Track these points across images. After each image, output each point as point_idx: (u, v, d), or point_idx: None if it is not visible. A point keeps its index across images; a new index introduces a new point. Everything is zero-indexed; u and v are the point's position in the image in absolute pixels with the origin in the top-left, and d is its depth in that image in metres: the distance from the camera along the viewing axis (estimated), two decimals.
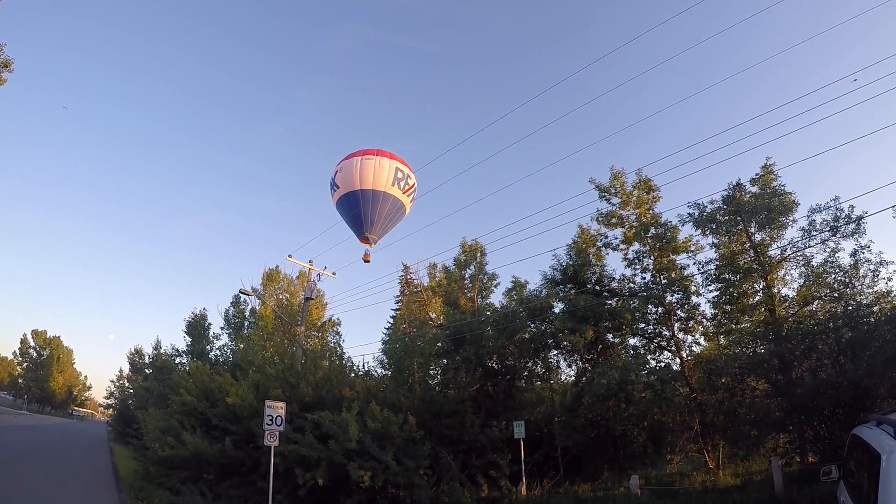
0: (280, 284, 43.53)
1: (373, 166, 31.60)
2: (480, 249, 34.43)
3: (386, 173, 31.65)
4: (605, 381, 22.83)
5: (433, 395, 25.48)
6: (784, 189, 23.70)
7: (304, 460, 20.12)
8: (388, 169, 31.76)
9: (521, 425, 23.42)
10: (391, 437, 20.93)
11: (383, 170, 31.65)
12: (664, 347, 26.64)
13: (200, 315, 48.52)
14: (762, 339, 22.31)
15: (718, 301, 24.79)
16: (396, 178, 32.11)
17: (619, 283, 28.15)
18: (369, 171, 31.51)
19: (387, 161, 32.02)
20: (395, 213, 32.75)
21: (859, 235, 21.17)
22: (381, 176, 31.56)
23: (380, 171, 31.59)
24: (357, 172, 31.53)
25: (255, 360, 27.06)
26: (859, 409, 17.90)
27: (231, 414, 23.15)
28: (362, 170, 31.52)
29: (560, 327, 26.96)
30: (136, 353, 58.99)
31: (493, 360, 29.44)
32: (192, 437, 22.18)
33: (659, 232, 26.48)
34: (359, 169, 31.59)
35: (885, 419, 6.30)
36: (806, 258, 23.02)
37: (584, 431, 24.91)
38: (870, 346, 18.43)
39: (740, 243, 24.46)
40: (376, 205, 31.53)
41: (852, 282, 21.49)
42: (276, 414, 19.67)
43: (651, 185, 27.02)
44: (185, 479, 23.26)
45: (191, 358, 43.23)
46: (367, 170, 31.51)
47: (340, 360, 27.86)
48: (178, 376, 28.64)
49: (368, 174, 31.44)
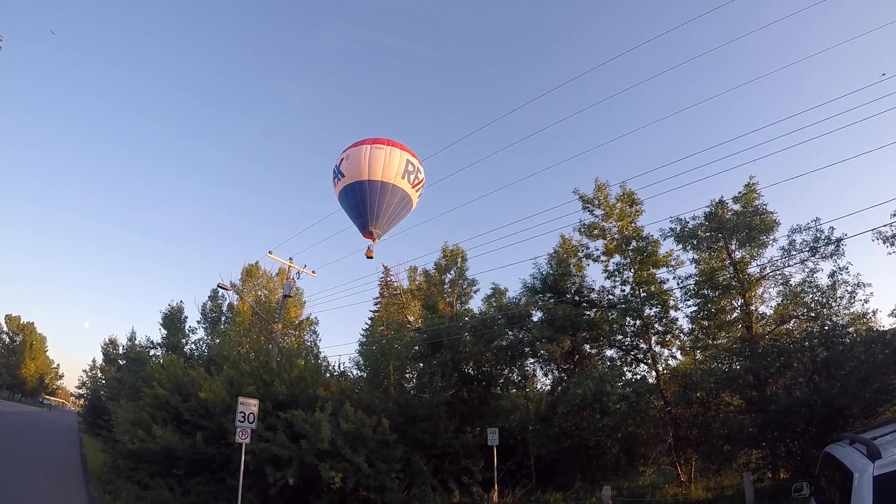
0: (259, 280, 42.89)
1: (383, 156, 29.57)
2: (461, 254, 34.27)
3: (396, 165, 29.62)
4: (581, 392, 22.86)
5: (408, 399, 25.30)
6: (766, 208, 23.96)
7: (276, 459, 19.88)
8: (398, 160, 29.74)
9: (494, 432, 23.35)
10: (364, 438, 20.75)
11: (393, 161, 29.63)
12: (640, 360, 26.73)
13: (177, 308, 48.09)
14: (738, 356, 22.46)
15: (696, 316, 24.97)
16: (407, 170, 30.15)
17: (599, 295, 28.22)
18: (378, 161, 29.45)
19: (398, 152, 30.02)
20: (402, 208, 30.90)
21: (838, 257, 21.48)
22: (390, 167, 29.51)
23: (390, 161, 29.56)
24: (365, 161, 29.40)
25: (230, 356, 26.62)
26: (832, 427, 18.02)
27: (203, 409, 22.79)
28: (371, 159, 29.43)
29: (538, 336, 26.98)
30: (110, 343, 58.48)
31: (470, 366, 29.35)
32: (162, 431, 21.74)
33: (640, 245, 26.63)
34: (367, 158, 29.47)
35: (858, 438, 6.33)
36: (784, 277, 23.32)
37: (557, 441, 24.90)
38: (845, 365, 18.72)
39: (720, 260, 24.66)
40: (384, 198, 29.56)
41: (829, 302, 21.76)
42: (249, 411, 19.46)
43: (634, 198, 27.13)
44: (154, 473, 22.89)
45: (165, 351, 42.78)
46: (377, 160, 29.46)
47: (316, 359, 27.59)
48: (151, 369, 28.12)
49: (377, 164, 29.37)
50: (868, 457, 5.44)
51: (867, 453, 5.52)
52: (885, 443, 5.85)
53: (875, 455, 5.29)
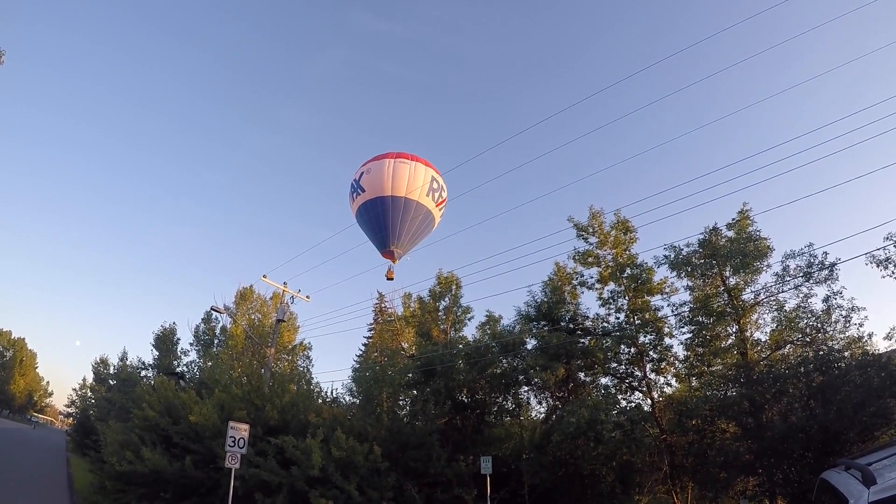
0: (253, 304, 42.54)
1: (407, 172, 28.28)
2: (456, 282, 33.97)
3: (421, 181, 28.45)
4: (575, 420, 22.66)
5: (401, 426, 24.97)
6: (759, 234, 24.08)
7: (265, 485, 19.66)
8: (423, 176, 28.58)
9: (488, 461, 23.07)
10: (355, 466, 20.53)
11: (418, 177, 28.47)
12: (635, 388, 26.61)
13: (170, 329, 47.91)
14: (733, 382, 22.44)
15: (691, 343, 24.91)
16: (431, 187, 29.03)
17: (593, 322, 28.14)
18: (403, 176, 28.14)
19: (422, 168, 28.92)
20: (425, 227, 29.79)
21: (832, 282, 21.56)
22: (415, 183, 28.28)
23: (415, 177, 28.34)
24: (389, 176, 28.06)
25: (221, 379, 26.33)
26: (829, 452, 18.04)
27: (193, 432, 22.55)
28: (395, 174, 28.11)
29: (532, 364, 26.79)
30: (101, 362, 58.07)
31: (464, 393, 29.11)
32: (151, 454, 21.38)
33: (634, 273, 26.64)
34: (391, 172, 28.14)
35: (854, 464, 6.25)
36: (779, 303, 23.36)
37: (552, 469, 24.61)
38: (840, 390, 18.68)
39: (714, 287, 24.68)
40: (407, 215, 28.18)
41: (824, 327, 21.78)
42: (240, 436, 19.26)
43: (629, 226, 27.18)
44: (141, 496, 22.46)
45: (157, 372, 42.54)
46: (401, 175, 28.15)
47: (308, 384, 27.36)
48: (141, 390, 27.87)
49: (402, 180, 28.04)
50: (863, 483, 5.36)
51: (862, 479, 5.45)
52: (880, 468, 5.79)
53: (870, 481, 5.21)
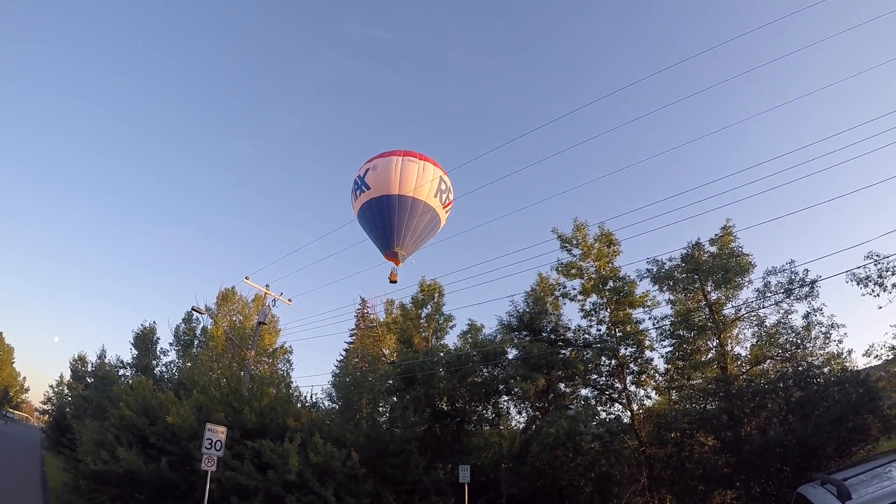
0: (234, 306, 42.14)
1: (416, 171, 27.42)
2: (439, 290, 33.75)
3: (429, 181, 27.60)
4: (554, 431, 22.69)
5: (380, 433, 24.85)
6: (741, 250, 24.33)
7: (242, 489, 19.47)
8: (431, 177, 27.71)
9: (466, 469, 23.03)
10: (333, 472, 20.39)
11: (426, 177, 27.56)
12: (615, 399, 26.69)
13: (150, 328, 47.27)
14: (713, 396, 22.63)
15: (672, 356, 25.07)
16: (440, 189, 28.24)
17: (575, 334, 28.20)
18: (411, 175, 27.23)
19: (431, 168, 28.01)
20: (431, 229, 28.96)
21: (812, 298, 21.83)
22: (423, 183, 27.40)
23: (423, 177, 27.45)
24: (396, 174, 27.13)
25: (200, 381, 26.01)
26: (806, 467, 18.27)
27: (170, 434, 22.27)
28: (403, 173, 27.17)
29: (512, 373, 26.81)
30: (79, 359, 57.30)
31: (443, 401, 29.04)
32: (127, 454, 21.01)
33: (617, 285, 26.76)
34: (399, 170, 27.20)
35: (830, 479, 6.32)
36: (759, 318, 23.61)
37: (530, 479, 24.60)
38: (819, 405, 18.93)
39: (696, 301, 24.87)
40: (413, 216, 27.36)
41: (804, 343, 22.06)
42: (217, 438, 19.07)
43: (612, 238, 27.31)
44: (115, 496, 22.11)
45: (135, 371, 42.08)
46: (409, 173, 27.23)
47: (288, 388, 27.05)
48: (119, 389, 27.51)
49: (409, 179, 27.11)
50: (839, 498, 5.43)
51: (837, 494, 5.51)
52: (855, 483, 5.87)
53: (845, 496, 5.28)
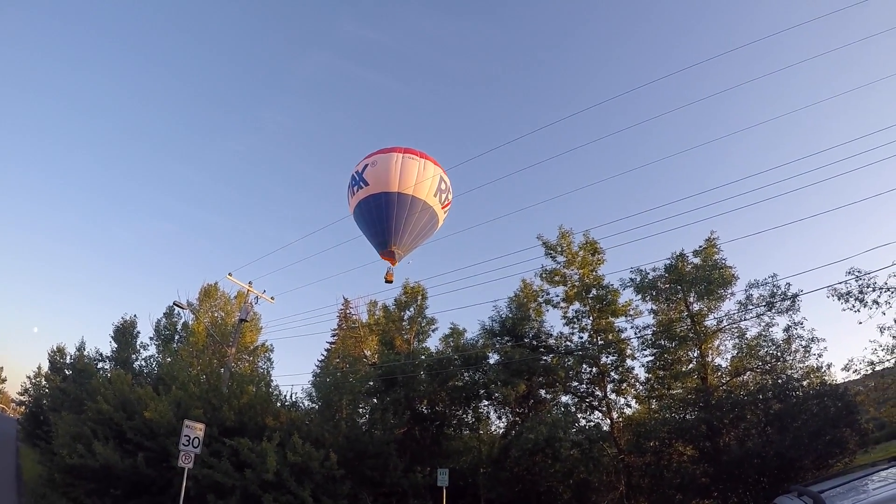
0: (217, 302, 41.66)
1: (416, 168, 26.83)
2: (422, 292, 33.92)
3: (429, 180, 27.11)
4: (534, 437, 22.75)
5: (359, 434, 24.67)
6: (725, 263, 24.54)
7: (218, 487, 19.26)
8: (432, 176, 27.27)
9: (445, 473, 22.98)
10: (311, 472, 20.27)
11: (427, 175, 27.09)
12: (595, 407, 26.83)
13: (130, 322, 46.71)
14: (693, 406, 22.90)
15: (652, 366, 25.35)
16: (439, 188, 27.70)
17: (556, 341, 28.39)
18: (411, 173, 26.66)
19: (431, 166, 27.46)
20: (429, 229, 28.35)
21: (794, 312, 22.20)
22: (423, 182, 26.85)
23: (423, 175, 26.94)
24: (396, 171, 26.53)
25: (179, 377, 25.73)
26: (784, 479, 18.53)
27: (148, 429, 21.99)
28: (403, 170, 26.60)
29: (493, 378, 26.89)
30: (57, 351, 56.55)
31: (424, 404, 29.01)
32: (103, 448, 20.69)
33: (600, 294, 26.96)
34: (399, 167, 26.61)
35: (806, 491, 6.34)
36: (741, 330, 23.94)
37: (508, 485, 24.61)
38: (797, 418, 19.21)
39: (678, 311, 25.09)
40: (412, 214, 26.77)
41: (784, 356, 22.37)
42: (195, 435, 18.86)
43: (597, 247, 27.51)
44: (91, 491, 21.79)
45: (114, 365, 41.65)
46: (409, 171, 26.67)
47: (268, 387, 26.72)
48: (97, 382, 27.16)
49: (410, 177, 26.54)
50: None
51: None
52: (831, 495, 5.88)
53: None
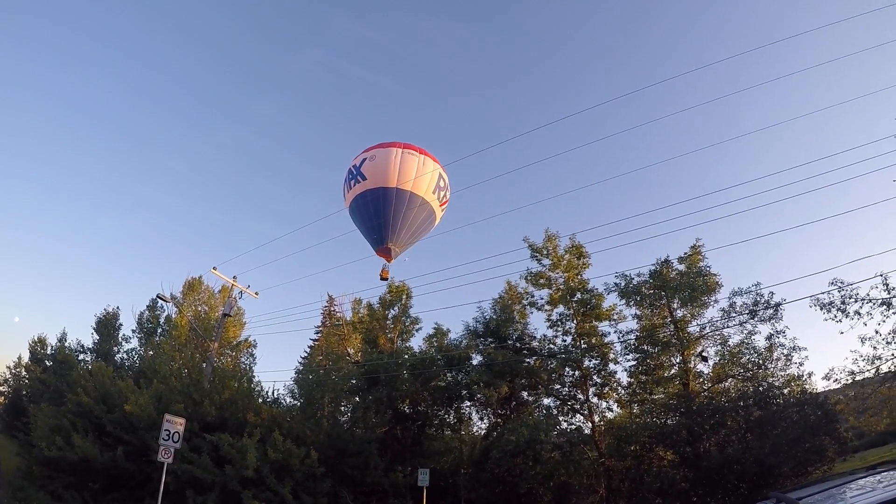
0: (200, 296, 41.19)
1: (416, 164, 26.41)
2: (407, 292, 33.80)
3: (429, 177, 26.71)
4: (515, 438, 22.84)
5: (340, 432, 24.57)
6: (709, 270, 24.72)
7: (198, 482, 19.15)
8: (431, 173, 26.86)
9: (426, 473, 22.94)
10: (291, 469, 20.21)
11: (427, 172, 26.69)
12: (577, 410, 26.91)
13: (112, 314, 46.31)
14: (674, 411, 23.03)
15: (635, 370, 25.50)
16: (438, 185, 27.43)
17: (540, 343, 28.45)
18: (410, 168, 26.22)
19: (431, 163, 27.09)
20: (425, 227, 28.07)
21: (776, 321, 22.49)
22: (422, 178, 26.48)
23: (423, 172, 26.54)
24: (395, 166, 26.04)
25: (161, 370, 25.50)
26: (763, 485, 18.72)
27: (128, 422, 21.76)
28: (403, 165, 26.14)
29: (476, 379, 26.92)
30: (38, 341, 55.99)
31: (406, 404, 28.92)
32: (82, 441, 20.56)
33: (585, 297, 27.06)
34: (398, 163, 26.14)
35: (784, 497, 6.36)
36: (723, 337, 24.23)
37: (489, 486, 24.60)
38: (777, 425, 19.47)
39: (662, 317, 25.26)
40: (410, 211, 26.34)
41: (765, 364, 22.67)
42: (175, 430, 18.69)
43: (582, 251, 27.62)
44: (69, 484, 21.53)
45: (95, 357, 41.34)
46: (408, 167, 26.22)
47: (250, 383, 26.58)
48: (78, 374, 26.93)
49: (409, 172, 26.11)
50: None
51: None
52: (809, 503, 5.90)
53: None
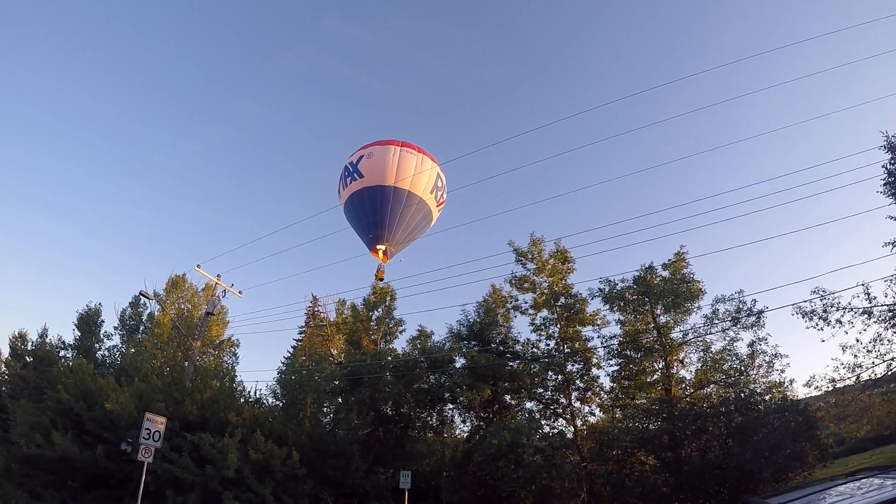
0: (184, 293, 40.74)
1: (414, 163, 25.85)
2: (391, 293, 33.70)
3: (427, 177, 26.20)
4: (497, 442, 22.84)
5: (322, 433, 24.59)
6: (693, 277, 24.91)
7: (178, 482, 19.03)
8: (429, 172, 26.33)
9: (407, 475, 22.91)
10: (272, 470, 20.14)
11: (425, 171, 26.14)
12: (559, 414, 27.00)
13: (94, 310, 45.75)
14: (656, 416, 23.30)
15: (618, 375, 25.67)
16: (436, 186, 26.95)
17: (523, 347, 28.53)
18: (408, 167, 25.67)
19: (429, 163, 26.55)
20: (421, 227, 27.60)
21: (758, 328, 22.75)
22: (421, 178, 25.98)
23: (421, 171, 26.01)
24: (393, 164, 25.47)
25: (142, 368, 25.24)
26: (743, 490, 18.99)
27: (108, 421, 21.51)
28: (401, 164, 25.57)
29: (459, 382, 26.88)
30: (18, 337, 55.50)
31: (389, 405, 28.84)
32: (62, 439, 20.26)
33: (569, 302, 27.16)
34: (396, 161, 25.57)
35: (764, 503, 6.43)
36: (706, 344, 24.45)
37: (471, 489, 24.56)
38: (758, 431, 19.68)
39: (645, 323, 25.46)
40: (407, 210, 25.82)
41: (747, 370, 22.87)
42: (155, 429, 18.53)
43: (567, 255, 27.75)
44: (48, 482, 21.22)
45: (76, 354, 40.96)
46: (406, 166, 25.68)
47: (232, 382, 26.38)
48: (58, 371, 26.63)
49: (407, 171, 25.57)
50: None
51: None
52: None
53: None
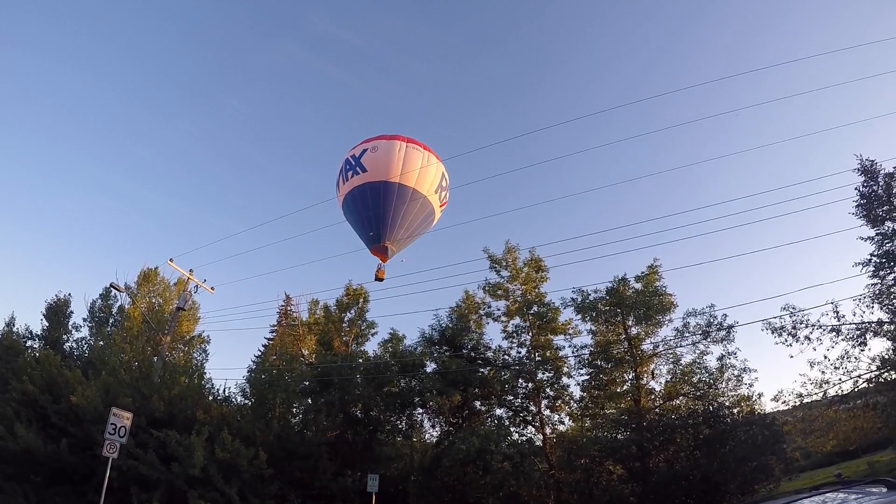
0: (155, 287, 40.08)
1: (419, 160, 25.06)
2: (364, 295, 33.64)
3: (432, 175, 25.47)
4: (466, 447, 22.92)
5: (290, 434, 24.44)
6: (665, 290, 25.18)
7: (143, 479, 18.77)
8: (434, 171, 25.62)
9: (375, 479, 22.87)
10: (239, 470, 19.98)
11: (430, 170, 25.38)
12: (529, 422, 27.18)
13: (64, 300, 44.90)
14: (625, 427, 23.59)
15: (588, 385, 25.96)
16: (440, 185, 26.35)
17: (495, 354, 28.69)
18: (414, 164, 24.88)
19: (435, 161, 25.89)
20: (423, 227, 26.97)
21: (728, 342, 23.20)
22: (426, 176, 25.16)
23: (427, 169, 25.24)
24: (398, 160, 24.61)
25: (110, 362, 24.80)
26: (710, 501, 19.44)
27: (73, 414, 21.04)
28: (407, 160, 24.75)
29: (429, 387, 26.91)
30: None
31: (358, 408, 28.71)
32: (25, 431, 19.79)
33: (541, 311, 27.39)
34: (402, 157, 24.70)
35: None
36: (676, 356, 24.91)
37: (439, 494, 24.55)
38: (726, 444, 20.08)
39: (616, 334, 25.72)
40: (412, 209, 25.10)
41: (716, 383, 23.24)
42: (122, 424, 18.19)
43: (541, 264, 28.03)
44: (9, 476, 20.71)
45: (43, 345, 40.35)
46: (412, 162, 24.88)
47: (201, 379, 26.02)
48: (24, 361, 26.21)
49: (412, 168, 24.78)
50: None
51: None
52: None
53: None
